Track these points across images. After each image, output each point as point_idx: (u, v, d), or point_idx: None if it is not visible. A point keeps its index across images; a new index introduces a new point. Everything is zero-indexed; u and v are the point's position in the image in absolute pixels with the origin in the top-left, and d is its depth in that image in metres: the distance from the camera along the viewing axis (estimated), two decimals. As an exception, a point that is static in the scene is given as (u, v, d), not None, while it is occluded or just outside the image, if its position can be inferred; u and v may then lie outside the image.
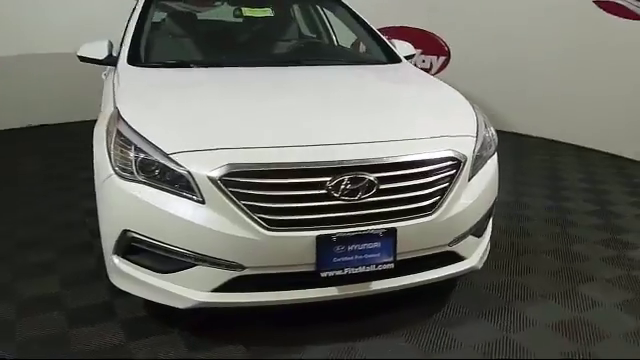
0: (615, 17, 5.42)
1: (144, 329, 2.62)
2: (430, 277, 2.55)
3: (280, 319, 2.65)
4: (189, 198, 2.28)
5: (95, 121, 2.87)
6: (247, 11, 3.78)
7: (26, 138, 6.18)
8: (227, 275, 2.30)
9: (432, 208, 2.43)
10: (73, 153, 5.46)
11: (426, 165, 2.42)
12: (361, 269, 2.35)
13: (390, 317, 2.71)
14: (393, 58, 3.61)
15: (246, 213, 2.23)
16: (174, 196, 2.31)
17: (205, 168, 2.24)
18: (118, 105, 2.65)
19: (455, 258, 2.62)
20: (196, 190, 2.26)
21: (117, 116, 2.56)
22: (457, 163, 2.49)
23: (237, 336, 2.56)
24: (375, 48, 3.75)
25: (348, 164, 2.30)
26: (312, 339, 2.53)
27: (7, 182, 4.71)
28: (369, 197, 2.32)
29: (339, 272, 2.33)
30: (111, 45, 3.47)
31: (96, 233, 3.57)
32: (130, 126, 2.47)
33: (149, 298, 2.47)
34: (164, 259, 2.37)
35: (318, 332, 2.58)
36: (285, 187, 2.27)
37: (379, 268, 2.37)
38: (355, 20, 3.93)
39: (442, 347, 2.51)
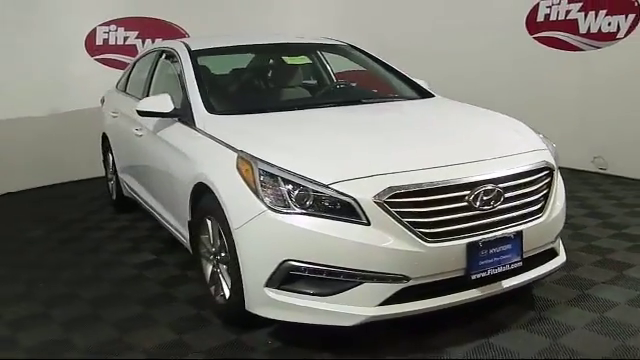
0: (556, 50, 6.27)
1: (294, 355, 2.75)
2: (543, 272, 2.94)
3: (409, 328, 2.89)
4: (354, 222, 2.52)
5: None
6: (289, 60, 4.06)
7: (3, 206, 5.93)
8: (394, 288, 2.55)
9: (541, 211, 2.85)
10: (65, 216, 5.35)
11: (533, 174, 2.85)
12: (499, 269, 2.69)
13: (500, 314, 3.04)
14: (424, 93, 4.01)
15: (409, 229, 2.51)
16: (337, 222, 2.53)
17: (369, 193, 2.50)
18: (244, 148, 2.83)
19: (553, 254, 3.03)
20: (361, 214, 2.51)
21: (252, 157, 2.74)
22: (551, 172, 2.94)
23: (382, 348, 2.77)
24: (403, 85, 4.13)
25: (481, 178, 2.66)
26: (451, 342, 2.80)
27: (24, 249, 4.54)
28: (499, 205, 2.68)
29: (484, 274, 2.65)
30: (172, 99, 3.59)
31: (167, 282, 3.70)
32: (273, 164, 2.67)
33: (311, 322, 2.63)
34: (328, 282, 2.57)
35: (452, 335, 2.85)
36: (435, 203, 2.58)
37: (512, 267, 2.72)
38: (377, 63, 4.32)
39: (560, 332, 2.87)
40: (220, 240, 3.02)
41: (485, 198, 2.64)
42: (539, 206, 2.85)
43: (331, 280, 2.56)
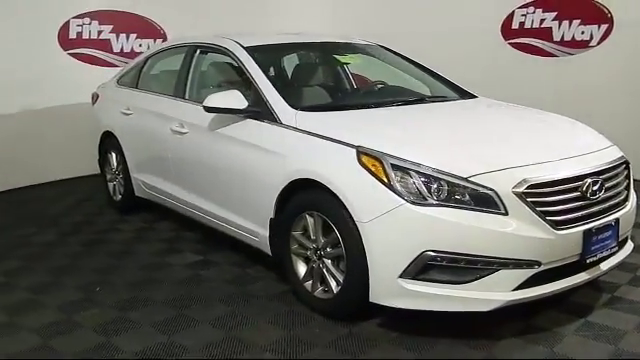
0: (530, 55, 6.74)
1: (419, 345, 2.86)
2: (626, 255, 3.23)
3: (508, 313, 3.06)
4: (492, 212, 2.67)
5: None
6: (341, 59, 4.12)
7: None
8: (528, 273, 2.72)
9: (626, 200, 3.14)
10: (66, 219, 5.08)
11: (619, 167, 3.13)
12: (604, 253, 2.95)
13: (578, 297, 3.26)
14: (466, 94, 4.21)
15: (542, 218, 2.70)
16: (475, 212, 2.67)
17: (508, 185, 2.67)
18: (363, 144, 2.89)
19: (626, 241, 3.33)
20: (500, 204, 2.66)
21: (380, 153, 2.81)
22: (627, 165, 3.24)
23: (496, 331, 2.93)
24: (442, 87, 4.31)
25: (590, 170, 2.90)
26: (555, 323, 3.02)
27: (45, 254, 4.27)
28: (602, 194, 2.93)
29: (594, 258, 2.90)
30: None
31: (234, 281, 3.66)
32: (404, 159, 2.76)
33: (446, 309, 2.75)
34: (464, 270, 2.70)
35: (552, 317, 3.07)
36: (559, 193, 2.78)
37: (611, 251, 2.99)
38: (413, 65, 4.48)
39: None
40: (325, 236, 3.06)
41: (594, 189, 2.88)
42: (624, 196, 3.14)
43: (467, 268, 2.69)
